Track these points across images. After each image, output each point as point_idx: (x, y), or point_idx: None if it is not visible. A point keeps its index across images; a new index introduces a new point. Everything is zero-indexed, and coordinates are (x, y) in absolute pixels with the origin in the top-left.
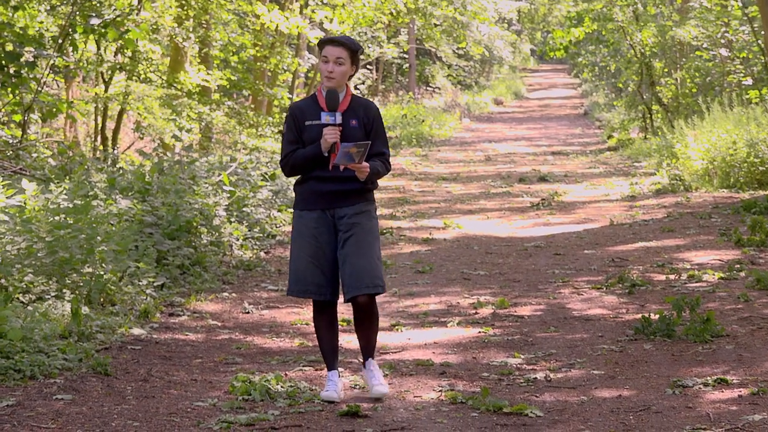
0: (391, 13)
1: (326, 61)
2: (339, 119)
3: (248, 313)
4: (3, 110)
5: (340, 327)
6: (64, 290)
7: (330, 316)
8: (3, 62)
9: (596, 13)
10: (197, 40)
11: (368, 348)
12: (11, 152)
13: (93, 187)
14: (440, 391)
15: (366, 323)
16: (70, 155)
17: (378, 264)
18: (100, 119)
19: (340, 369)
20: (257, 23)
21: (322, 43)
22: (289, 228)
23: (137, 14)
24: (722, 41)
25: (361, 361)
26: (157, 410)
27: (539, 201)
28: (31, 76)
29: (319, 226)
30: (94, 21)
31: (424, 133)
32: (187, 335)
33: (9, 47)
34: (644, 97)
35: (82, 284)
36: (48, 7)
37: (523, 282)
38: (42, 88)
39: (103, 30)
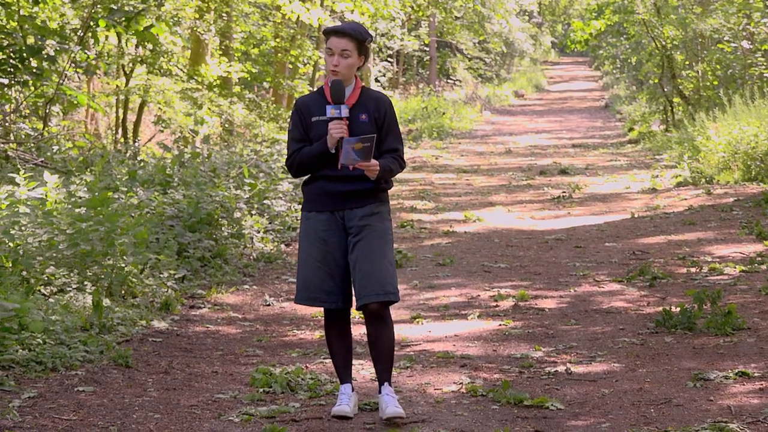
0: (411, 7)
1: (331, 54)
2: (345, 112)
3: (269, 305)
4: (25, 103)
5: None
6: (86, 282)
7: (342, 326)
8: (24, 55)
9: (617, 5)
10: (218, 32)
11: (383, 369)
12: (33, 145)
13: (114, 179)
14: (461, 383)
15: (377, 334)
16: (90, 146)
17: (390, 270)
18: (121, 112)
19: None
20: (278, 15)
21: (327, 33)
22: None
23: (159, 8)
24: (744, 33)
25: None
26: (178, 402)
27: (560, 194)
28: (53, 68)
29: (328, 228)
30: (117, 15)
31: (445, 126)
32: (207, 327)
33: (30, 40)
34: (665, 89)
35: (103, 276)
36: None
37: (543, 275)
38: (63, 80)
39: (125, 25)
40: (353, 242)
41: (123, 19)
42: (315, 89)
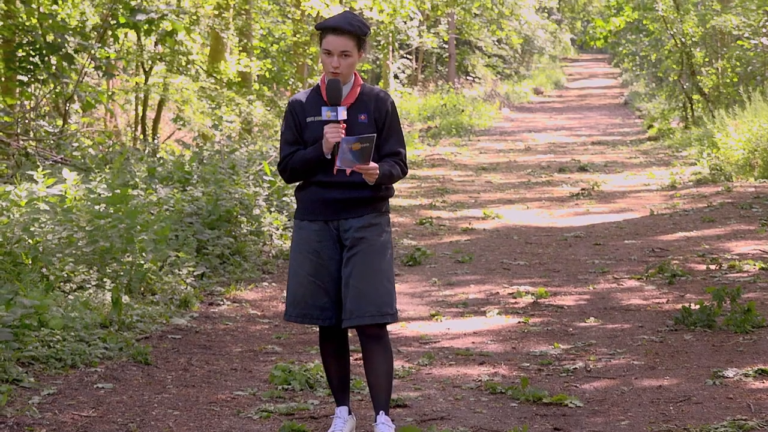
0: (429, 6)
1: (329, 54)
2: (343, 115)
3: None
4: (44, 100)
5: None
6: (105, 279)
7: (338, 344)
8: (44, 53)
9: (637, 2)
10: (236, 30)
11: (379, 396)
12: (52, 142)
13: (133, 176)
14: (480, 380)
15: (373, 358)
16: (109, 144)
17: (387, 287)
18: (140, 109)
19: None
20: (297, 13)
21: (323, 30)
22: None
23: (178, 7)
24: (764, 30)
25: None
26: (197, 399)
27: (579, 191)
28: (72, 67)
29: (322, 239)
30: (140, 17)
31: (464, 123)
32: (226, 324)
33: (50, 37)
34: (685, 86)
35: (122, 273)
36: None
37: (562, 272)
38: (83, 78)
39: (146, 27)
40: (347, 256)
41: (144, 21)
42: (310, 87)
